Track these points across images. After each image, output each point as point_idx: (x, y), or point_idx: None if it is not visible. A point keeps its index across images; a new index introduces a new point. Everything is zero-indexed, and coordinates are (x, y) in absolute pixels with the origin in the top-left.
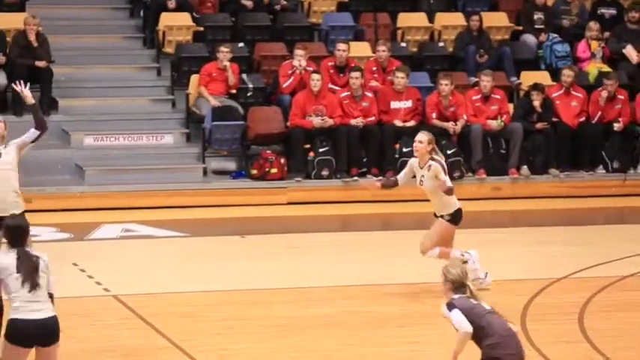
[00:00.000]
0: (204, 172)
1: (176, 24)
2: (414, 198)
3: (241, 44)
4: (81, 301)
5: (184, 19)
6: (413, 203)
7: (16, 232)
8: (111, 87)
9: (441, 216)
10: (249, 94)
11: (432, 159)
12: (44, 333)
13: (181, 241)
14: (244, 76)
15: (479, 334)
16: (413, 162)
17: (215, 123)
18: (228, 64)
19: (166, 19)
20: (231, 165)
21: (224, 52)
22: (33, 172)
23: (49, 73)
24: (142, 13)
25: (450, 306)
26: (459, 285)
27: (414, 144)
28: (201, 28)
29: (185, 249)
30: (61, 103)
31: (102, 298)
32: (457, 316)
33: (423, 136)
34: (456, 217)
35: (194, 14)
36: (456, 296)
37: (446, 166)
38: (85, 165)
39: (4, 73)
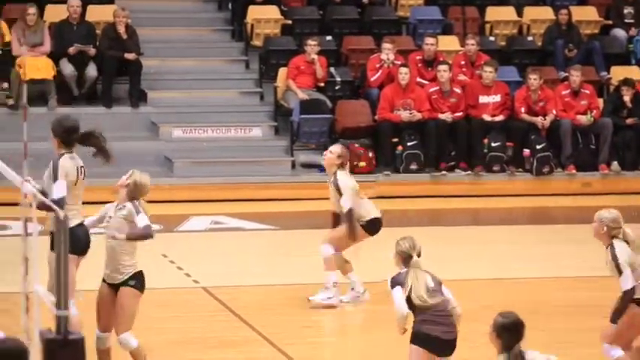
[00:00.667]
0: (293, 165)
1: (264, 17)
2: (502, 193)
3: (329, 37)
4: (170, 293)
5: (273, 12)
6: (501, 198)
7: None
8: (199, 79)
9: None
10: (337, 88)
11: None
12: None
13: (270, 234)
14: (332, 69)
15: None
16: None
17: (303, 116)
18: (316, 57)
19: (255, 12)
20: (319, 158)
21: (312, 45)
22: (122, 164)
23: (138, 66)
24: (230, 6)
25: (394, 283)
26: (406, 257)
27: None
28: (290, 21)
29: (273, 241)
30: (150, 96)
31: (191, 289)
32: (397, 295)
33: (335, 148)
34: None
35: (282, 7)
36: (403, 270)
37: (349, 185)
38: (174, 157)
39: (94, 65)
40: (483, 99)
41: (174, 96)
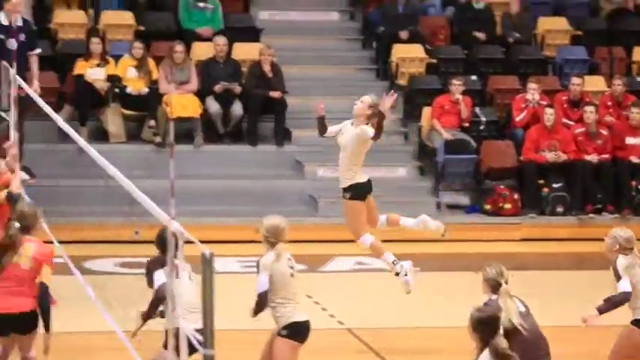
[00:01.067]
0: (438, 206)
1: (409, 56)
2: None
3: (474, 77)
4: (315, 334)
5: (417, 50)
6: None
7: None
8: (344, 118)
9: (343, 196)
10: (481, 128)
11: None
12: None
13: (415, 275)
14: (477, 109)
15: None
16: (347, 121)
17: (448, 156)
18: (460, 96)
19: (399, 51)
20: (464, 199)
21: (457, 85)
22: (266, 203)
23: (283, 104)
24: (374, 45)
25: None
26: (495, 284)
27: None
28: (434, 60)
29: (419, 283)
30: (294, 134)
31: (336, 331)
32: None
33: (366, 97)
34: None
35: (427, 46)
36: (493, 297)
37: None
38: (318, 196)
39: (239, 103)
40: (630, 140)
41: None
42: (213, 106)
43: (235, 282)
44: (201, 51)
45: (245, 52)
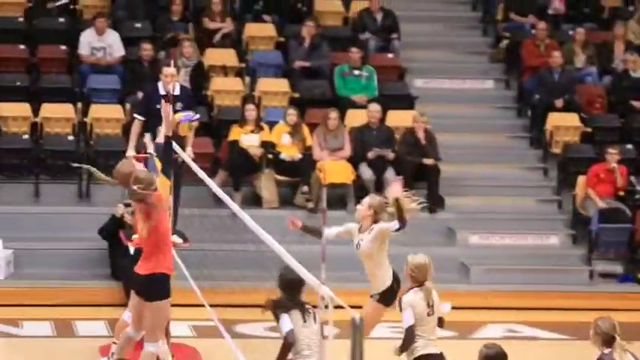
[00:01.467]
0: (590, 275)
1: (564, 124)
2: None
3: (630, 146)
4: None
5: (572, 119)
6: None
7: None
8: (496, 186)
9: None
10: (637, 197)
11: (376, 222)
12: None
13: (565, 344)
14: (632, 178)
15: None
16: (352, 225)
17: (602, 225)
18: (616, 165)
19: (554, 119)
20: (617, 268)
21: (613, 154)
22: None
23: (436, 171)
24: (529, 113)
25: None
26: (609, 338)
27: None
28: (589, 129)
29: (568, 351)
30: (447, 201)
31: None
32: None
33: (365, 199)
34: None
35: (582, 114)
36: (606, 351)
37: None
38: (470, 263)
39: (392, 170)
40: None
41: (472, 202)
42: (366, 172)
43: (384, 347)
44: (355, 118)
45: (399, 119)
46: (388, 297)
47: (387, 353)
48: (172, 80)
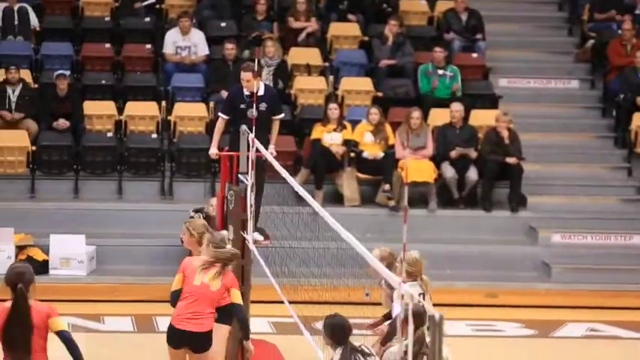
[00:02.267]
0: None
1: None
2: None
3: None
4: None
5: None
6: None
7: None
8: (580, 185)
9: None
10: None
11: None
12: None
13: None
14: None
15: None
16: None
17: None
18: None
19: (638, 119)
20: None
21: None
22: (499, 267)
23: (519, 170)
24: (614, 113)
25: None
26: None
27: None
28: None
29: None
30: (529, 200)
31: None
32: None
33: (376, 252)
34: None
35: None
36: None
37: None
38: (552, 262)
39: (475, 169)
40: None
41: (554, 201)
42: (449, 171)
43: (465, 345)
44: (438, 117)
45: (482, 118)
46: None
47: (467, 349)
48: (248, 85)
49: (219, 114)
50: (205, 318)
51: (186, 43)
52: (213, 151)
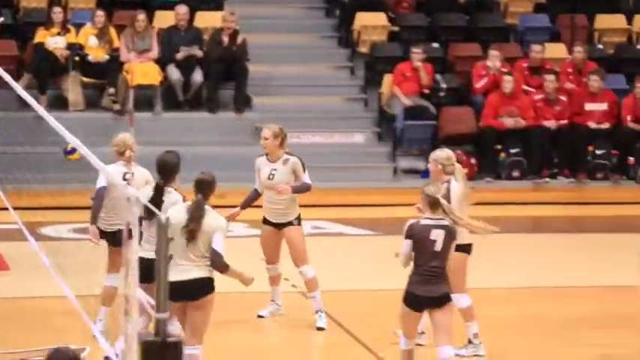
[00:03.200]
0: (395, 171)
1: (371, 24)
2: (605, 201)
3: (436, 44)
4: (267, 297)
5: (380, 18)
6: (604, 206)
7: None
8: (305, 85)
9: (289, 222)
10: (441, 95)
11: (289, 154)
12: None
13: (370, 239)
14: (438, 76)
15: None
16: (259, 160)
17: (407, 122)
18: (421, 64)
19: (362, 19)
20: (421, 164)
21: (418, 53)
22: (225, 168)
23: (244, 71)
24: (337, 13)
25: None
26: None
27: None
28: (396, 28)
29: (374, 247)
30: (255, 101)
31: (290, 294)
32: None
33: (266, 132)
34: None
35: (389, 14)
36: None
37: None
38: None
39: (200, 71)
40: (589, 106)
41: (279, 102)
42: (174, 73)
43: None
44: (163, 19)
45: (207, 20)
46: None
47: None
48: None
49: None
50: None
51: None
52: None
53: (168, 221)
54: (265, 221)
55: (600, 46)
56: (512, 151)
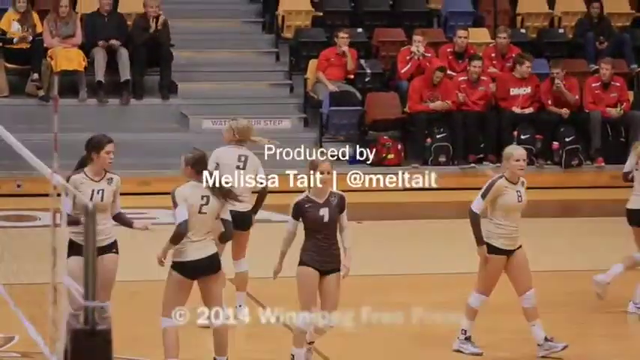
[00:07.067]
0: (321, 157)
1: (295, 9)
2: (530, 185)
3: (360, 29)
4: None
5: (303, 3)
6: (529, 191)
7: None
8: (230, 71)
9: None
10: (366, 80)
11: None
12: None
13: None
14: (362, 61)
15: None
16: None
17: (333, 108)
18: (346, 49)
19: (285, 4)
20: (347, 150)
21: (343, 38)
22: (151, 155)
23: (169, 57)
24: None
25: None
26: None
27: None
28: (321, 13)
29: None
30: (180, 87)
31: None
32: None
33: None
34: None
35: None
36: None
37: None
38: (203, 148)
39: (125, 53)
40: (514, 91)
41: (205, 87)
42: (99, 57)
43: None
44: (87, 4)
45: (130, 5)
46: None
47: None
48: None
49: None
50: None
51: None
52: None
53: (95, 208)
54: None
55: (523, 31)
56: (438, 136)
